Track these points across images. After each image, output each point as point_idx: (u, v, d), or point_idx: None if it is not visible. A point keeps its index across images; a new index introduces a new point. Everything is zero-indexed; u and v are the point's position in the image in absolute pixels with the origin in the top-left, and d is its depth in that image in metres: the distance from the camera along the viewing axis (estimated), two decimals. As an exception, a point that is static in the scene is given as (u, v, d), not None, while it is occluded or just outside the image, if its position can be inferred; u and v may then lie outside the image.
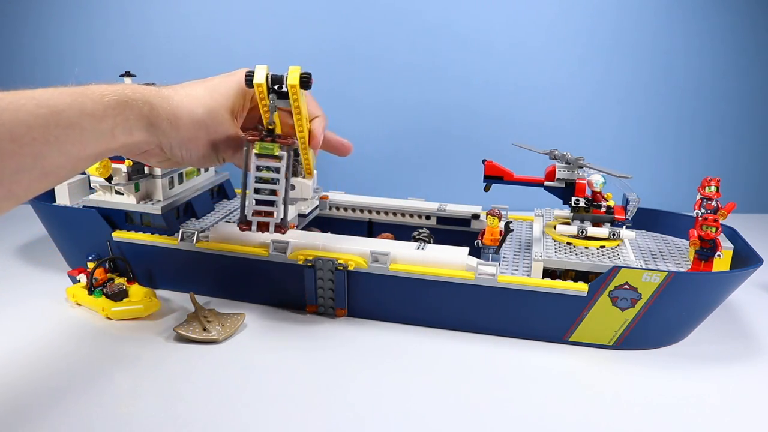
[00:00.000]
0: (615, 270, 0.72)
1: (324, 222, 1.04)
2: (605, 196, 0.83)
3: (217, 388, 0.68)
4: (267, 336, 0.79)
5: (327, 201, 1.04)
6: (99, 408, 0.64)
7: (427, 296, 0.80)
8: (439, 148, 1.30)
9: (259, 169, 0.66)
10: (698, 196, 0.82)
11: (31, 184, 0.44)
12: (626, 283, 0.73)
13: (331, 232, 0.96)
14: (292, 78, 0.57)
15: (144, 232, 0.89)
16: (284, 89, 0.61)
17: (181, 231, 0.87)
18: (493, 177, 0.86)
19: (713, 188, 0.81)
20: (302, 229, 0.96)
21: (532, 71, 1.25)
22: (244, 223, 0.70)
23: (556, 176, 0.83)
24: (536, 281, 0.76)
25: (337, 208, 1.03)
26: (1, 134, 0.41)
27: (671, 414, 0.64)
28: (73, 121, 0.49)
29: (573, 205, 0.83)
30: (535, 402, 0.66)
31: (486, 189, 0.87)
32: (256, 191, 0.68)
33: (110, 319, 0.82)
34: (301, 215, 0.97)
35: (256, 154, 0.65)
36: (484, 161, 0.86)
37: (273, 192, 0.67)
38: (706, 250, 0.76)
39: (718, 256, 0.76)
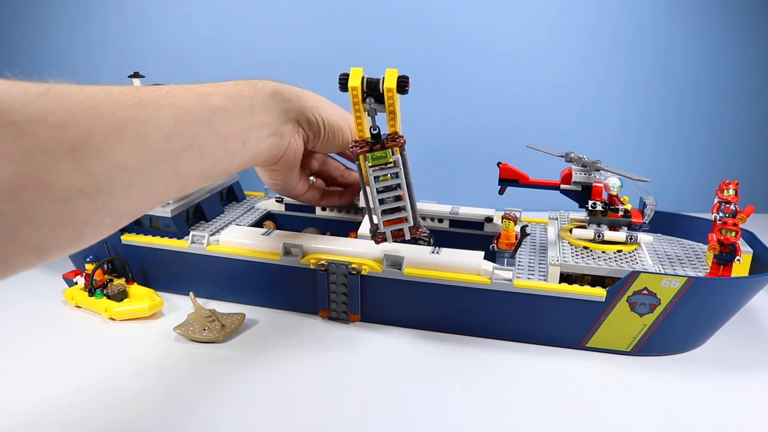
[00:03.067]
0: (634, 275, 0.71)
1: (330, 224, 1.02)
2: (622, 199, 0.82)
3: (219, 388, 0.67)
4: (277, 339, 0.78)
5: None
6: (99, 408, 0.63)
7: (443, 301, 0.79)
8: (442, 149, 1.28)
9: (377, 179, 0.65)
10: (716, 200, 0.81)
11: (192, 163, 0.49)
12: (645, 289, 0.72)
13: (331, 233, 0.95)
14: (389, 81, 0.56)
15: (153, 235, 0.88)
16: (380, 92, 0.60)
17: (191, 234, 0.85)
18: (508, 180, 0.85)
19: (731, 191, 0.80)
20: (303, 231, 0.95)
21: (534, 72, 1.24)
22: (378, 236, 0.70)
23: (573, 179, 0.82)
24: (554, 286, 0.75)
25: (348, 210, 1.01)
26: (169, 117, 0.46)
27: (690, 422, 0.64)
28: (219, 104, 0.54)
29: (590, 208, 0.82)
30: (552, 408, 0.65)
31: (501, 192, 0.86)
32: (381, 201, 0.66)
33: (114, 319, 0.81)
34: None
35: (370, 166, 0.64)
36: (498, 164, 0.85)
37: (398, 197, 0.66)
38: (726, 255, 0.75)
39: (738, 260, 0.75)
